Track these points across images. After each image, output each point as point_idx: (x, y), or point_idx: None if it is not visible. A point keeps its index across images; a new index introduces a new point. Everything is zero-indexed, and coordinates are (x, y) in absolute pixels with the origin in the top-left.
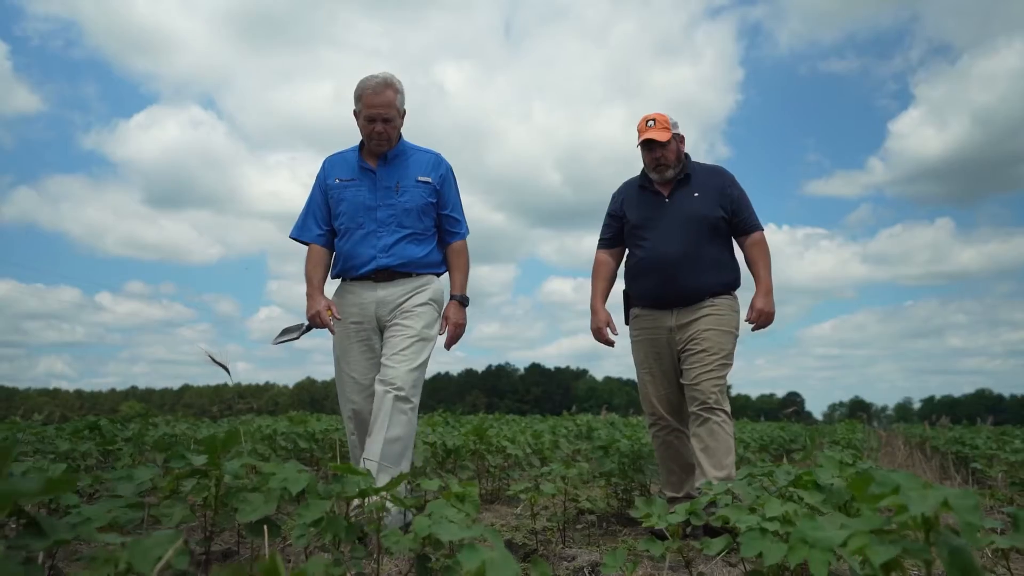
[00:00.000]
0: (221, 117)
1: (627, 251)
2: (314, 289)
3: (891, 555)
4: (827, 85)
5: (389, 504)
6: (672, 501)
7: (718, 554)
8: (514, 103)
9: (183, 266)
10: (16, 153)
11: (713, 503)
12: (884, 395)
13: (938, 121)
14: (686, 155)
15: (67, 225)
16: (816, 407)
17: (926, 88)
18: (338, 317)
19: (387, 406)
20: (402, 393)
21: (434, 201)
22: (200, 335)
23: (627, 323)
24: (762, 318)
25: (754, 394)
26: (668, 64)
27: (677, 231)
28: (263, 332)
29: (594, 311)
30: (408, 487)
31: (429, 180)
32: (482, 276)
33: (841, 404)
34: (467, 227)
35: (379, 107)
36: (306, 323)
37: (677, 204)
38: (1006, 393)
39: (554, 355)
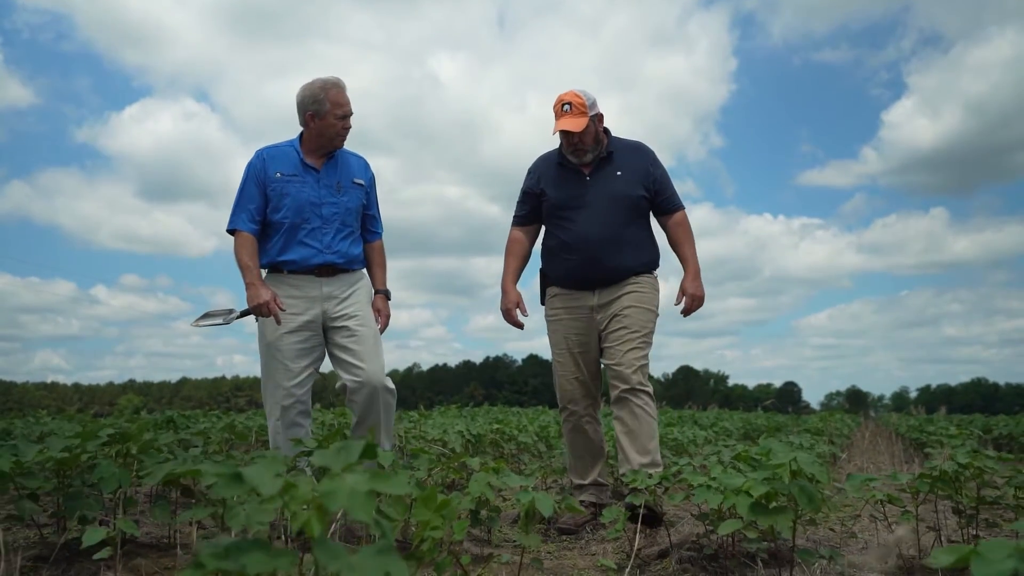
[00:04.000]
0: (214, 110)
1: (545, 230)
2: (255, 277)
3: (763, 490)
4: (820, 75)
5: None
6: (579, 488)
7: (681, 501)
8: (509, 94)
9: (178, 259)
10: (9, 146)
11: (649, 507)
12: (881, 384)
13: (931, 111)
14: (606, 130)
15: (61, 218)
16: (813, 397)
17: (919, 78)
18: (283, 308)
19: (379, 402)
20: (389, 385)
21: (364, 203)
22: (196, 328)
23: (543, 303)
24: (693, 303)
25: (751, 384)
26: (661, 54)
27: (600, 212)
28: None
29: (504, 291)
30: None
31: (362, 183)
32: (478, 268)
33: (838, 394)
34: (382, 227)
35: (347, 105)
36: (237, 310)
37: (599, 183)
38: (1001, 382)
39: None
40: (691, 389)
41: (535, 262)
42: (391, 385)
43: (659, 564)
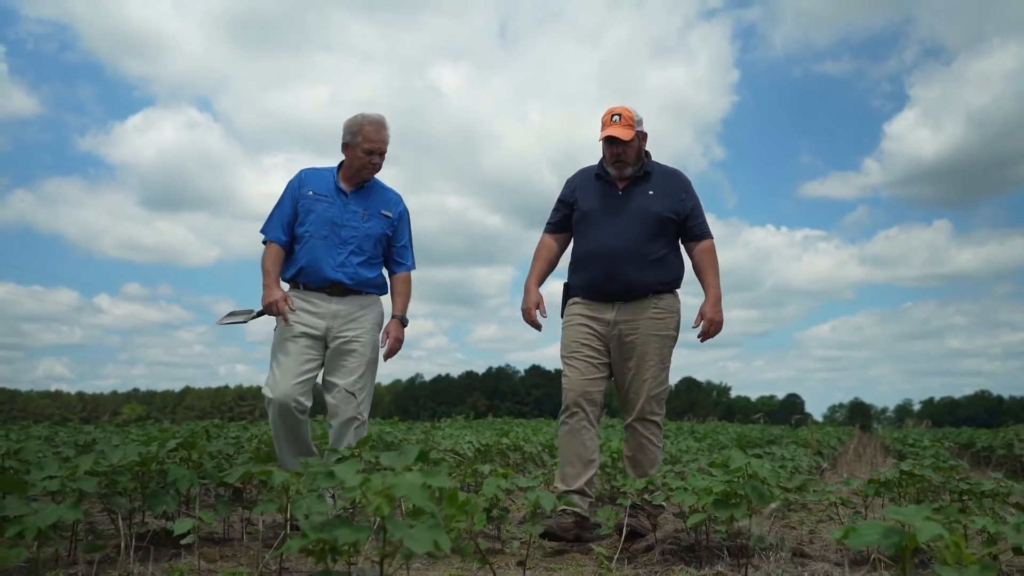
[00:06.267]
0: (217, 119)
1: (573, 241)
2: (272, 281)
3: (722, 489)
4: (822, 87)
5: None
6: (562, 494)
7: (661, 503)
8: (510, 105)
9: (180, 268)
10: (12, 155)
11: (636, 505)
12: (884, 397)
13: (933, 122)
14: (647, 153)
15: (64, 227)
16: (816, 409)
17: (921, 89)
18: (293, 309)
19: (350, 433)
20: (361, 419)
21: (390, 234)
22: (199, 337)
23: (562, 316)
24: (712, 327)
25: (754, 396)
26: (663, 65)
27: (626, 225)
28: (263, 334)
29: (527, 291)
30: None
31: (390, 215)
32: (479, 278)
33: (841, 406)
34: (414, 261)
35: (378, 143)
36: (256, 309)
37: (630, 199)
38: (1005, 395)
39: (554, 357)
40: (694, 400)
41: (561, 273)
42: (366, 420)
43: (645, 556)
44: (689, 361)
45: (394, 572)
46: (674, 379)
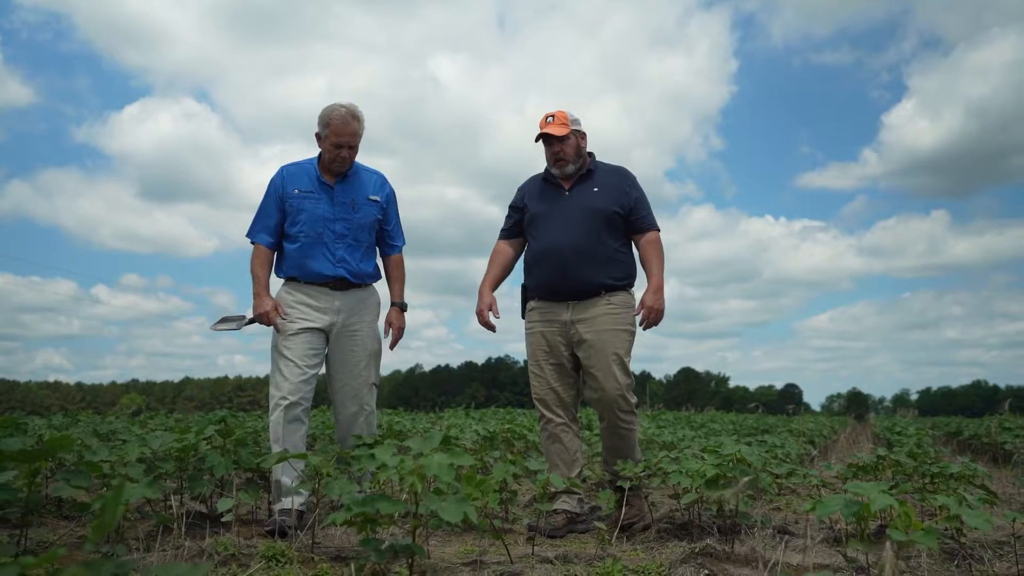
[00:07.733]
0: (214, 110)
1: (527, 243)
2: (262, 288)
3: (713, 472)
4: (821, 77)
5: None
6: (553, 495)
7: (656, 485)
8: (509, 96)
9: (179, 259)
10: (9, 146)
11: (632, 489)
12: (882, 387)
13: (932, 113)
14: (590, 154)
15: (61, 218)
16: (815, 399)
17: (919, 80)
18: (284, 318)
19: (360, 422)
20: (368, 408)
21: (380, 218)
22: (197, 328)
23: (523, 317)
24: (651, 315)
25: (752, 386)
26: (662, 55)
27: (573, 223)
28: (261, 326)
29: (480, 295)
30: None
31: (378, 199)
32: (478, 269)
33: (839, 396)
34: (404, 239)
35: (346, 136)
36: (248, 316)
37: (576, 197)
38: (1002, 384)
39: None
40: (692, 391)
41: (518, 276)
42: (374, 410)
43: (643, 534)
44: (687, 352)
45: (420, 543)
46: (672, 369)
